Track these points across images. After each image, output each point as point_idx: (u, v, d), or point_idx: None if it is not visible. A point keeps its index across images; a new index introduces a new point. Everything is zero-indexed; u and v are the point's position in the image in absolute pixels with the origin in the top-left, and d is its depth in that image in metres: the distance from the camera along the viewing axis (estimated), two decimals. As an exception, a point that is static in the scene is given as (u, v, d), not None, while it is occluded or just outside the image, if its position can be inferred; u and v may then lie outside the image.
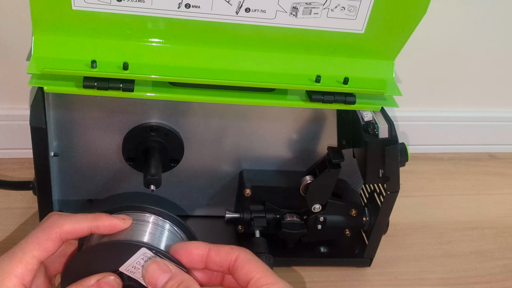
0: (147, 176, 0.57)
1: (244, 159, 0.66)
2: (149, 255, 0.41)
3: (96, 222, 0.41)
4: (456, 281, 0.68)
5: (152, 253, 0.41)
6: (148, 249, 0.41)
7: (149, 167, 0.58)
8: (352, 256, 0.67)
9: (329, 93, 0.56)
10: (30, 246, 0.40)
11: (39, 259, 0.40)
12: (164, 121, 0.61)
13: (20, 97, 0.74)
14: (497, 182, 0.89)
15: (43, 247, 0.40)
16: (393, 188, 0.59)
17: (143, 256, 0.41)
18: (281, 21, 0.53)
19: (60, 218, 0.41)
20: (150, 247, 0.41)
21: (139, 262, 0.41)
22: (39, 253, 0.40)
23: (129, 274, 0.42)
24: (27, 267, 0.39)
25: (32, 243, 0.40)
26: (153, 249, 0.41)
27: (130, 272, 0.42)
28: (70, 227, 0.41)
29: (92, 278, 0.40)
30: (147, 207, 0.45)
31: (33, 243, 0.40)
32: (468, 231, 0.77)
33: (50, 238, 0.40)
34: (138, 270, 0.42)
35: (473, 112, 0.91)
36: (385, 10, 0.53)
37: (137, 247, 0.41)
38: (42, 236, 0.40)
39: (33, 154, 0.52)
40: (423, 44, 0.80)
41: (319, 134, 0.65)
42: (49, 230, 0.40)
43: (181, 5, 0.50)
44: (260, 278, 0.39)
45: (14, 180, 0.69)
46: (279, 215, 0.64)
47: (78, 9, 0.49)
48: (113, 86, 0.51)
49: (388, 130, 0.57)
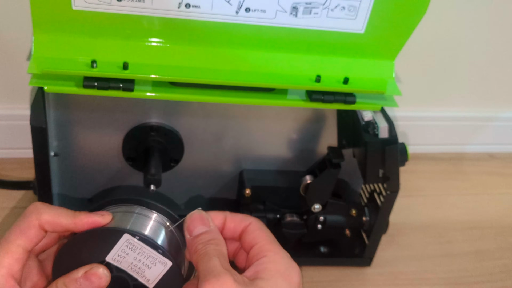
0: (147, 176, 0.57)
1: (244, 159, 0.66)
2: (133, 241, 0.41)
3: (74, 219, 0.42)
4: (456, 281, 0.68)
5: (136, 239, 0.41)
6: (131, 235, 0.41)
7: (149, 167, 0.58)
8: (352, 256, 0.67)
9: (329, 93, 0.56)
10: (13, 235, 0.40)
11: (24, 248, 0.40)
12: (164, 121, 0.61)
13: (20, 97, 0.74)
14: (497, 182, 0.89)
15: (26, 235, 0.40)
16: (393, 188, 0.59)
17: (127, 243, 0.42)
18: (281, 21, 0.53)
19: (40, 206, 0.42)
20: (132, 232, 0.42)
21: (124, 250, 0.42)
22: (23, 242, 0.40)
23: (116, 264, 0.42)
24: (13, 256, 0.40)
25: (15, 232, 0.40)
26: (136, 234, 0.42)
27: (117, 261, 0.42)
28: (49, 218, 0.41)
29: (79, 271, 0.41)
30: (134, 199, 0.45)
31: (16, 233, 0.40)
32: (468, 231, 0.77)
33: (31, 225, 0.41)
34: (125, 259, 0.42)
35: (473, 112, 0.91)
36: (385, 10, 0.53)
37: (119, 233, 0.42)
38: (23, 224, 0.41)
39: (33, 154, 0.52)
40: (423, 44, 0.80)
41: (319, 134, 0.65)
42: (29, 218, 0.41)
43: (181, 5, 0.51)
44: (264, 245, 0.42)
45: (14, 180, 0.70)
46: (279, 215, 0.64)
47: (78, 9, 0.49)
48: (113, 86, 0.51)
49: (388, 130, 0.57)
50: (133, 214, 0.45)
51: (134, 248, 0.42)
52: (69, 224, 0.42)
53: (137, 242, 0.42)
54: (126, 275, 0.42)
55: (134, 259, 0.42)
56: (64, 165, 0.62)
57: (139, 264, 0.42)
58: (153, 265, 0.43)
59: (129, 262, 0.42)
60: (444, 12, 0.78)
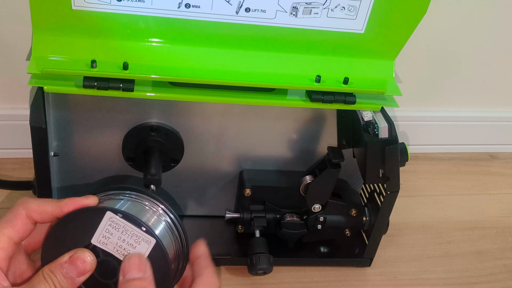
0: (147, 176, 0.57)
1: (244, 159, 0.66)
2: (116, 219, 0.41)
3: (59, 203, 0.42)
4: (456, 281, 0.68)
5: (119, 217, 0.41)
6: (114, 213, 0.41)
7: (149, 167, 0.58)
8: (352, 256, 0.67)
9: (329, 93, 0.55)
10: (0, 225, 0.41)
11: (9, 237, 0.41)
12: (164, 121, 0.61)
13: (20, 97, 0.74)
14: (497, 182, 0.89)
15: (11, 225, 0.41)
16: (393, 188, 0.59)
17: (110, 222, 0.41)
18: (281, 21, 0.53)
19: (27, 199, 0.43)
20: (115, 210, 0.42)
21: (108, 230, 0.42)
22: (8, 231, 0.41)
23: (102, 247, 0.42)
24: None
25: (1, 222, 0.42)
26: (118, 212, 0.42)
27: (102, 243, 0.42)
28: (35, 206, 0.42)
29: (64, 256, 0.41)
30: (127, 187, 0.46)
31: (2, 223, 0.41)
32: (468, 231, 0.77)
33: (17, 216, 0.42)
34: (110, 240, 0.42)
35: (473, 112, 0.91)
36: (385, 10, 0.53)
37: (102, 211, 0.42)
38: (10, 215, 0.42)
39: (33, 154, 0.52)
40: (423, 44, 0.80)
41: (319, 134, 0.65)
42: (16, 209, 0.42)
43: (181, 5, 0.50)
44: None
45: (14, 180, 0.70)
46: (279, 215, 0.64)
47: (78, 9, 0.49)
48: (113, 86, 0.51)
49: (388, 130, 0.57)
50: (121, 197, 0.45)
51: (118, 227, 0.42)
52: (55, 209, 0.42)
53: (120, 220, 0.41)
54: (113, 258, 0.42)
55: (118, 239, 0.42)
56: (64, 165, 0.62)
57: (124, 244, 0.42)
58: (137, 244, 0.42)
59: (114, 243, 0.42)
60: (444, 12, 0.78)
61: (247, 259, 0.61)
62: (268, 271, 0.61)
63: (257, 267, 0.60)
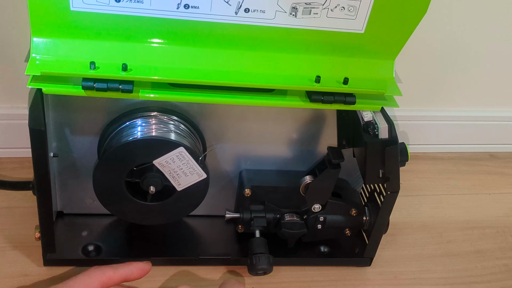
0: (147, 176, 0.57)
1: (244, 159, 0.66)
2: (185, 154, 0.53)
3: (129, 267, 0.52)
4: (456, 281, 0.68)
5: (187, 153, 0.53)
6: (186, 149, 0.53)
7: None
8: (352, 255, 0.67)
9: (329, 94, 0.55)
10: None
11: None
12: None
13: (20, 97, 0.74)
14: (498, 182, 0.88)
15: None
16: (393, 188, 0.59)
17: (178, 154, 0.52)
18: (280, 21, 0.53)
19: (101, 267, 0.51)
20: (187, 147, 0.53)
21: (173, 159, 0.53)
22: None
23: (159, 167, 0.53)
24: None
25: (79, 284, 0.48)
26: (189, 149, 0.53)
27: (160, 165, 0.53)
28: (111, 273, 0.50)
29: None
30: None
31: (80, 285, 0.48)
32: (468, 231, 0.77)
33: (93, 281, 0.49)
34: (169, 165, 0.53)
35: (473, 112, 0.91)
36: (385, 10, 0.53)
37: (176, 145, 0.53)
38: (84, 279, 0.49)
39: (32, 155, 0.52)
40: (423, 44, 0.79)
41: (319, 134, 0.65)
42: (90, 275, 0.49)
43: (180, 5, 0.50)
44: None
45: (14, 180, 0.69)
46: (279, 215, 0.64)
47: (77, 10, 0.49)
48: (112, 87, 0.51)
49: (388, 130, 0.57)
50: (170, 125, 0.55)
51: (182, 158, 0.53)
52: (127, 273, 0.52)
53: (187, 155, 0.52)
54: (161, 175, 0.53)
55: (177, 167, 0.53)
56: (64, 165, 0.62)
57: (179, 171, 0.53)
58: (190, 174, 0.54)
59: (171, 168, 0.52)
60: (444, 12, 0.77)
61: (247, 259, 0.61)
62: (268, 271, 0.61)
63: (257, 267, 0.60)
